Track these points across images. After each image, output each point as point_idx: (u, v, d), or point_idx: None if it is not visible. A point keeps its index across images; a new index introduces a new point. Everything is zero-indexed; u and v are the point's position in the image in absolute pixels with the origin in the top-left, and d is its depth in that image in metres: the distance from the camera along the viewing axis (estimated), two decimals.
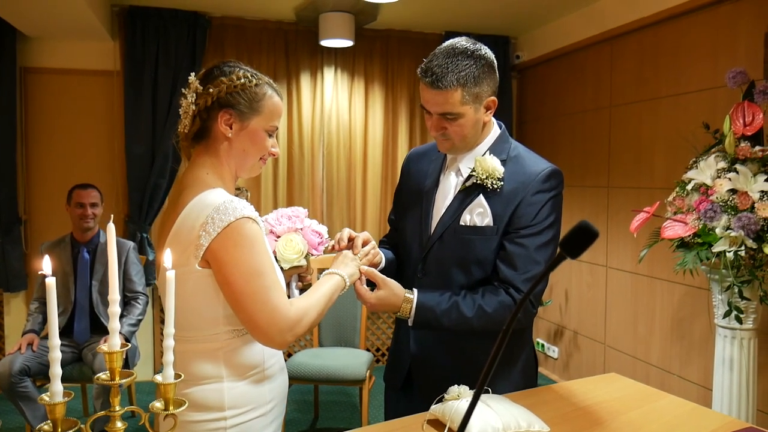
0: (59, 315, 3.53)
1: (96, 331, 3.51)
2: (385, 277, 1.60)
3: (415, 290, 1.62)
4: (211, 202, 1.32)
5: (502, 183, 1.65)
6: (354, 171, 4.85)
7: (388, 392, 1.92)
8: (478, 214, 1.65)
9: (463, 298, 1.60)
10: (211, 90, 1.38)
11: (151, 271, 4.33)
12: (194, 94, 1.40)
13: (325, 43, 4.43)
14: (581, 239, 0.65)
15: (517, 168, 1.67)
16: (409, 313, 1.59)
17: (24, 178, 4.32)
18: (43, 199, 4.36)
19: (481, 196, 1.65)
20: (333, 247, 1.66)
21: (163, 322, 4.59)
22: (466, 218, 1.66)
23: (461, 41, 1.61)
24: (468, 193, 1.68)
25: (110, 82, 4.39)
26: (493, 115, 1.73)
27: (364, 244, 1.67)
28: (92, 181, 3.90)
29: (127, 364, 3.56)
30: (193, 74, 1.44)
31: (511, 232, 1.63)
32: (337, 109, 4.78)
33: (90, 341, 3.47)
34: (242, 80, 1.40)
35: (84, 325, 3.49)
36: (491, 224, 1.64)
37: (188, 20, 4.29)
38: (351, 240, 1.67)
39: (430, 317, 1.60)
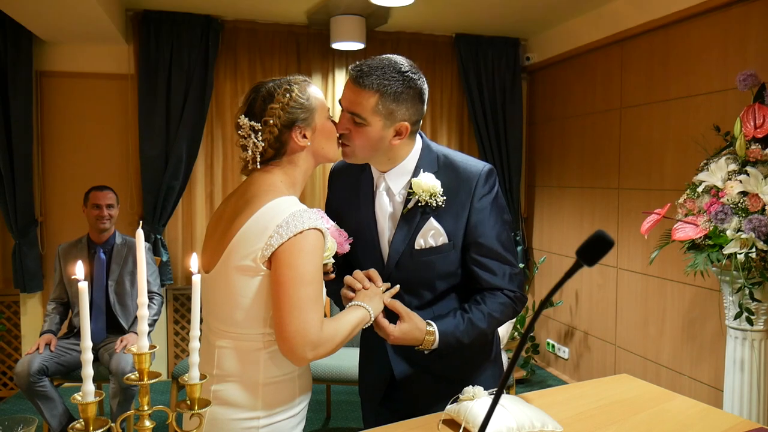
0: (75, 315, 3.60)
1: (112, 331, 3.56)
2: (408, 309, 1.59)
3: (431, 325, 1.59)
4: (288, 208, 1.38)
5: (444, 197, 1.63)
6: None
7: (365, 405, 1.89)
8: (432, 235, 1.63)
9: (473, 313, 1.61)
10: (270, 121, 1.44)
11: (166, 271, 4.38)
12: (256, 133, 1.45)
13: (337, 45, 4.46)
14: (597, 248, 0.69)
15: (452, 175, 1.65)
16: (433, 344, 1.58)
17: (40, 180, 4.38)
18: (59, 200, 4.42)
19: (431, 218, 1.63)
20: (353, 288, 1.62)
21: (176, 323, 4.65)
22: (420, 242, 1.64)
23: (399, 58, 1.60)
24: (412, 215, 1.64)
25: (125, 85, 4.44)
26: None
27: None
28: (107, 183, 3.95)
29: None
30: (243, 116, 1.47)
31: (474, 243, 1.63)
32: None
33: (106, 341, 3.52)
34: (287, 95, 1.45)
35: (100, 326, 3.54)
36: (446, 241, 1.64)
37: (201, 24, 4.34)
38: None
39: (452, 341, 1.60)
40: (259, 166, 1.47)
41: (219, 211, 1.55)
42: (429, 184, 1.61)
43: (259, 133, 1.45)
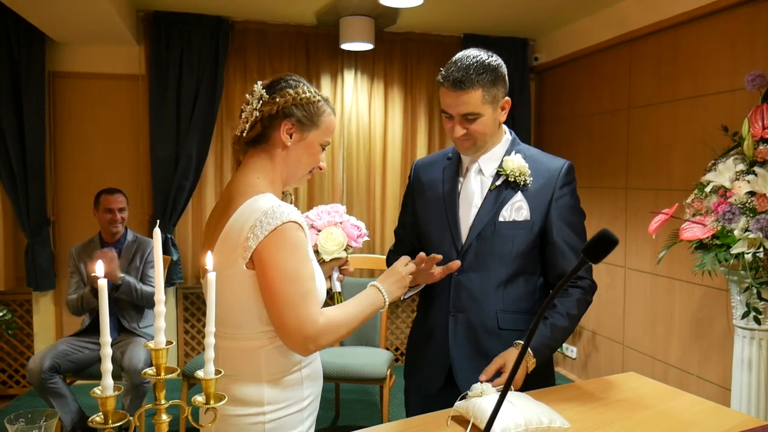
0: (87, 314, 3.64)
1: (123, 331, 3.60)
2: (507, 356, 1.69)
3: (521, 343, 1.71)
4: (261, 206, 1.39)
5: (531, 179, 1.80)
6: (373, 173, 4.91)
7: (415, 399, 1.96)
8: (517, 209, 1.79)
9: (553, 317, 1.76)
10: (277, 99, 1.47)
11: (176, 270, 4.42)
12: (258, 101, 1.48)
13: (346, 46, 4.49)
14: (602, 246, 0.71)
15: (537, 166, 1.83)
16: (533, 363, 1.70)
17: (52, 180, 4.43)
18: (71, 200, 4.47)
19: (519, 192, 1.80)
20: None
21: (186, 321, 4.69)
22: (505, 214, 1.79)
23: (473, 51, 1.77)
24: (500, 191, 1.81)
25: (135, 85, 4.49)
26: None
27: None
28: (117, 182, 4.00)
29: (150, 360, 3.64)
30: (259, 83, 1.52)
31: (553, 229, 1.80)
32: (357, 111, 4.84)
33: (118, 340, 3.56)
34: (307, 94, 1.49)
35: (112, 325, 3.58)
36: (528, 218, 1.79)
37: (211, 25, 4.38)
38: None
39: (546, 351, 1.74)
40: (245, 136, 1.49)
41: (210, 216, 1.58)
42: (518, 163, 1.80)
43: (261, 103, 1.47)
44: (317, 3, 4.12)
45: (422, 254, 1.70)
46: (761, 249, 2.50)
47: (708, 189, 2.74)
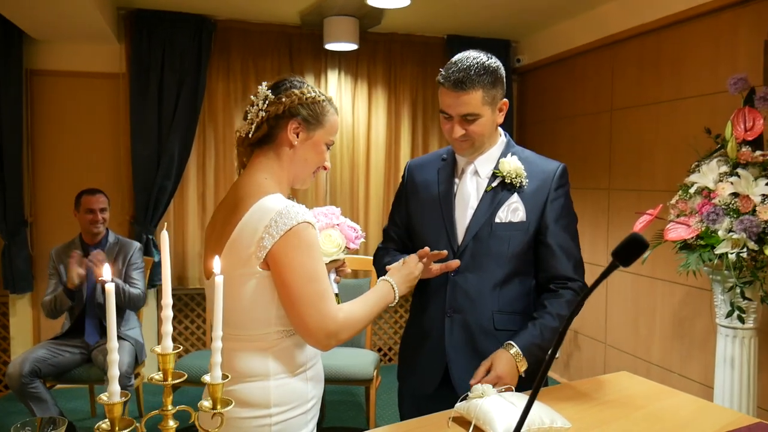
0: (67, 317, 3.57)
1: (105, 334, 3.53)
2: (495, 358, 1.69)
3: (511, 343, 1.72)
4: (274, 206, 1.40)
5: (528, 181, 1.82)
6: (357, 174, 4.90)
7: (409, 401, 1.97)
8: (513, 210, 1.81)
9: (543, 318, 1.77)
10: (283, 99, 1.48)
11: (158, 272, 4.36)
12: (264, 102, 1.49)
13: (330, 46, 4.47)
14: (633, 249, 0.72)
15: (532, 168, 1.85)
16: (525, 364, 1.71)
17: (30, 181, 4.34)
18: (49, 201, 4.39)
19: (515, 194, 1.81)
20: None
21: None
22: (501, 216, 1.81)
23: (473, 52, 1.77)
24: (496, 192, 1.82)
25: (116, 84, 4.42)
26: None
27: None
28: (98, 183, 3.94)
29: (136, 359, 3.60)
30: (263, 84, 1.53)
31: (547, 230, 1.81)
32: (340, 112, 4.83)
33: (100, 343, 3.50)
34: (312, 94, 1.51)
35: (94, 328, 3.52)
36: (524, 219, 1.81)
37: (194, 23, 4.33)
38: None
39: (537, 352, 1.74)
40: (251, 137, 1.49)
41: (213, 218, 1.58)
42: (515, 165, 1.82)
43: (267, 104, 1.49)
44: (301, 3, 4.10)
45: (426, 249, 1.71)
46: (745, 249, 2.55)
47: (692, 190, 2.79)
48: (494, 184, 1.83)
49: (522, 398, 1.52)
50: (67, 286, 3.37)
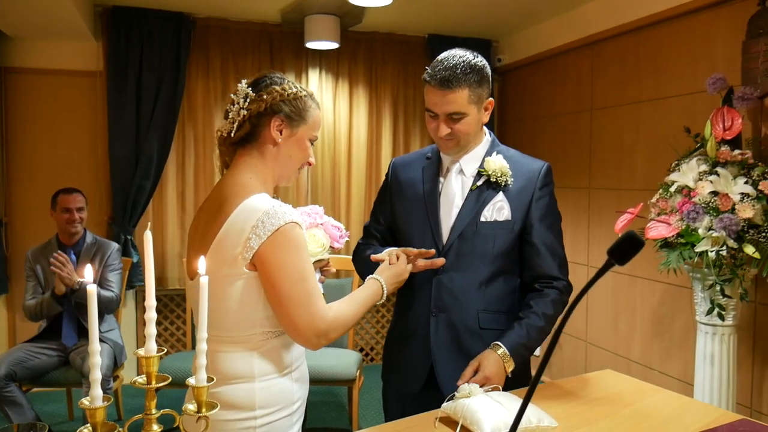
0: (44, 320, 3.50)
1: (83, 335, 3.48)
2: (482, 359, 1.69)
3: (498, 344, 1.72)
4: (261, 206, 1.38)
5: (513, 180, 1.82)
6: (338, 172, 4.87)
7: (394, 400, 1.96)
8: (498, 209, 1.81)
9: (529, 318, 1.76)
10: (265, 96, 1.46)
11: (137, 273, 4.30)
12: (245, 100, 1.46)
13: (311, 45, 4.44)
14: (629, 248, 0.71)
15: (517, 167, 1.85)
16: (512, 363, 1.71)
17: (5, 180, 4.25)
18: (24, 201, 4.30)
19: (500, 192, 1.81)
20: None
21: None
22: (486, 214, 1.80)
23: (459, 51, 1.77)
24: (481, 191, 1.82)
25: (93, 82, 4.35)
26: None
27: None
28: (75, 182, 3.87)
29: (115, 362, 3.54)
30: (243, 82, 1.50)
31: (532, 229, 1.82)
32: (321, 110, 4.78)
33: (78, 345, 3.44)
34: (293, 90, 1.49)
35: (72, 329, 3.45)
36: (509, 218, 1.81)
37: (172, 21, 4.27)
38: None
39: (523, 352, 1.75)
40: (233, 136, 1.47)
41: (196, 218, 1.55)
42: (500, 163, 1.82)
43: (248, 102, 1.46)
44: (282, 1, 4.07)
45: (413, 249, 1.72)
46: (724, 247, 2.58)
47: (672, 189, 2.81)
48: (479, 183, 1.83)
49: (509, 398, 1.52)
50: (54, 292, 3.31)
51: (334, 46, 4.47)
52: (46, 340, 3.44)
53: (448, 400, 1.53)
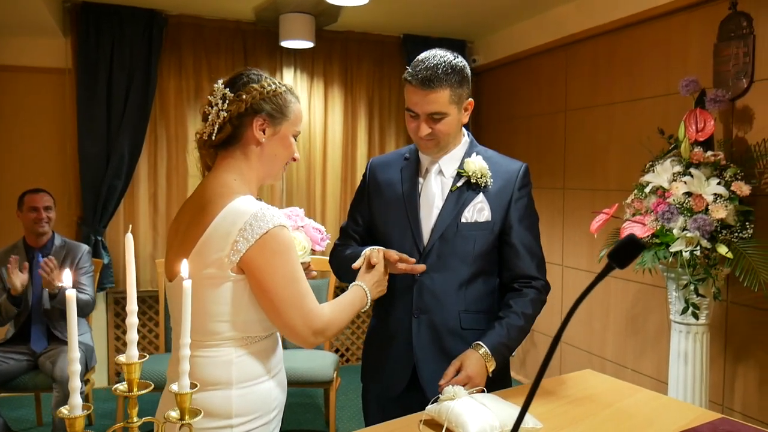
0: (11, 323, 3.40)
1: (53, 339, 3.39)
2: (464, 358, 1.68)
3: (479, 343, 1.72)
4: (247, 209, 1.34)
5: (492, 181, 1.82)
6: (313, 173, 4.84)
7: (375, 404, 1.95)
8: (479, 210, 1.80)
9: (509, 318, 1.77)
10: (244, 96, 1.41)
11: (107, 274, 4.22)
12: (223, 101, 1.42)
13: (285, 44, 4.41)
14: (629, 251, 0.71)
15: (496, 168, 1.85)
16: (494, 362, 1.72)
17: None
18: None
19: (480, 193, 1.81)
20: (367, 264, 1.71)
21: (117, 327, 4.48)
22: (467, 215, 1.80)
23: (439, 51, 1.76)
24: (461, 192, 1.82)
25: (62, 80, 4.24)
26: None
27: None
28: (43, 182, 3.78)
29: (86, 365, 3.46)
30: (219, 81, 1.45)
31: (511, 230, 1.82)
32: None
33: (48, 349, 3.35)
34: (272, 86, 1.44)
35: (41, 333, 3.36)
36: (489, 219, 1.81)
37: (144, 18, 4.20)
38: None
39: (504, 351, 1.76)
40: (214, 139, 1.43)
41: (176, 220, 1.51)
42: (480, 164, 1.81)
43: (227, 103, 1.42)
44: None
45: (393, 254, 1.70)
46: (698, 247, 2.62)
47: (647, 189, 2.85)
48: (459, 184, 1.82)
49: (493, 399, 1.51)
50: (11, 293, 3.21)
51: (309, 45, 4.44)
52: (14, 344, 3.35)
53: (432, 403, 1.52)
